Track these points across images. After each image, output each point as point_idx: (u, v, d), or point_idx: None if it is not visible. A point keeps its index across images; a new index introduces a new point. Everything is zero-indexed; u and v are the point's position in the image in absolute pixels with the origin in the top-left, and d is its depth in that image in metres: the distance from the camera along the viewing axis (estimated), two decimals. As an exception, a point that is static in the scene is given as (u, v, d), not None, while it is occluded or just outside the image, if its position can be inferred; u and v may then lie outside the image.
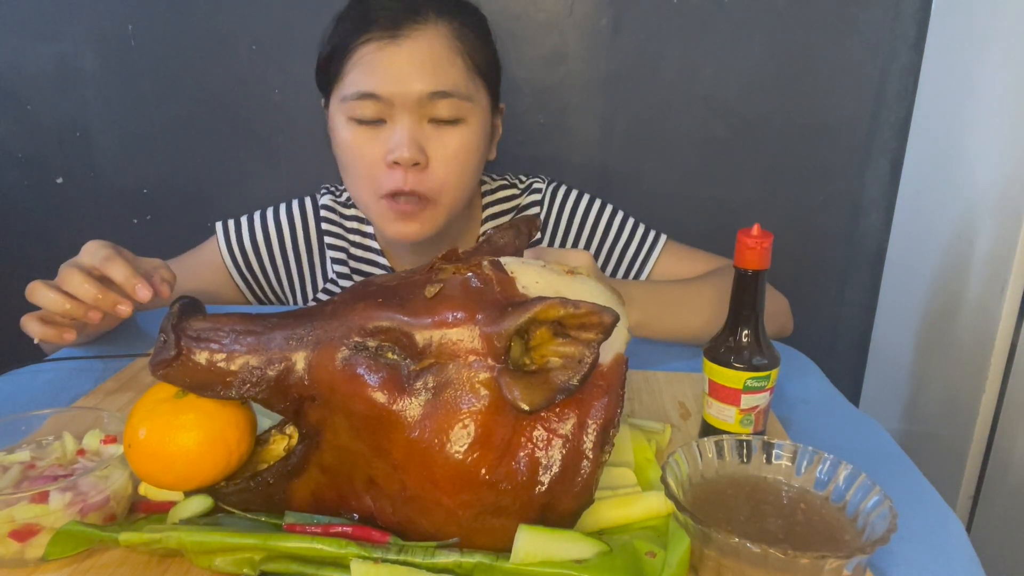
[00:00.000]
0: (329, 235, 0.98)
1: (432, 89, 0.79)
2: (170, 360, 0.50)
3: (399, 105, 0.80)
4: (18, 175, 1.47)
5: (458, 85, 0.81)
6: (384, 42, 0.80)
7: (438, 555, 0.48)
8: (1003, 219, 1.06)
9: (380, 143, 0.82)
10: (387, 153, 0.81)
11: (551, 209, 0.99)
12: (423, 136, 0.81)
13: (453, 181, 0.83)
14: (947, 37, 1.25)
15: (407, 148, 0.79)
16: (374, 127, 0.82)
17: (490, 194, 1.00)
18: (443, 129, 0.82)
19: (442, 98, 0.80)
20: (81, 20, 1.37)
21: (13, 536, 0.50)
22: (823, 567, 0.46)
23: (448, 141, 0.82)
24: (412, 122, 0.80)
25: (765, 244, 0.63)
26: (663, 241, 0.98)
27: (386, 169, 0.81)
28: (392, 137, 0.80)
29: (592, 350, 0.47)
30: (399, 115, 0.80)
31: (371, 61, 0.80)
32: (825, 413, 0.79)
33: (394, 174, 0.81)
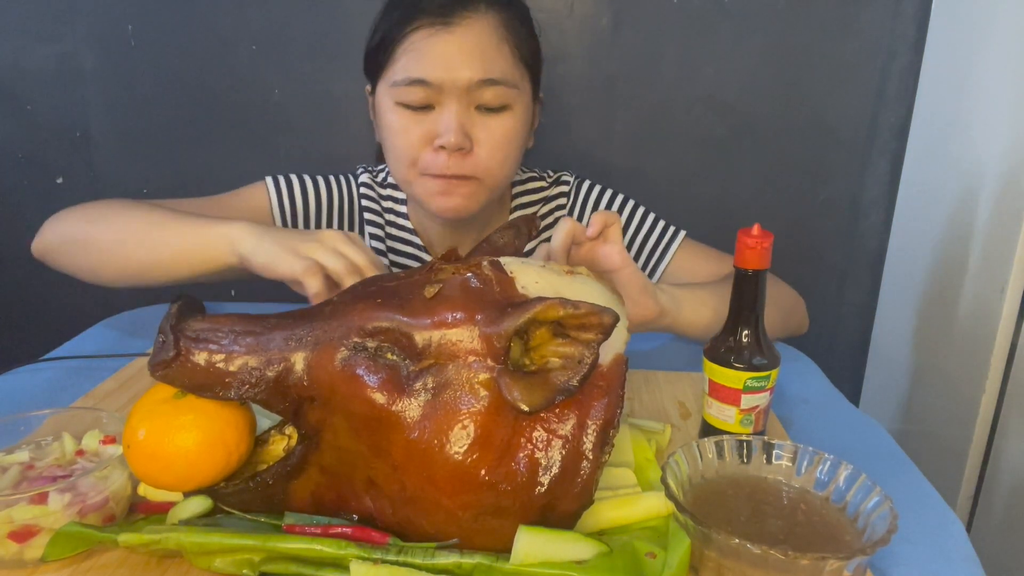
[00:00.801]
0: (368, 211, 1.00)
1: (481, 76, 0.81)
2: (169, 361, 0.50)
3: (448, 91, 0.82)
4: (18, 175, 1.47)
5: (505, 73, 0.83)
6: (435, 29, 0.81)
7: (438, 556, 0.48)
8: (1003, 219, 1.06)
9: (426, 127, 0.84)
10: (434, 137, 0.83)
11: (576, 200, 1.02)
12: (469, 122, 0.83)
13: (496, 166, 0.86)
14: (947, 37, 1.25)
15: (454, 134, 0.81)
16: (421, 112, 0.84)
17: (520, 184, 1.02)
18: (489, 116, 0.84)
19: (490, 86, 0.82)
20: (81, 20, 1.37)
21: (12, 537, 0.50)
22: (824, 568, 0.46)
23: (494, 127, 0.84)
24: (460, 108, 0.82)
25: (765, 244, 0.63)
26: (681, 237, 1.00)
27: (431, 152, 0.84)
28: (439, 122, 0.83)
29: (592, 350, 0.47)
30: (447, 101, 0.82)
31: (421, 48, 0.82)
32: (825, 413, 0.79)
33: (438, 158, 0.83)
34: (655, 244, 0.99)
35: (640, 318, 0.72)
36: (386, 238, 1.00)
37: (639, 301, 0.71)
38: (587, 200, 1.01)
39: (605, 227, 0.66)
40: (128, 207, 0.83)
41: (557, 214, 1.02)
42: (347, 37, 1.34)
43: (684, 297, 0.78)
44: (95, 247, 0.82)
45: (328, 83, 1.36)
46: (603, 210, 0.67)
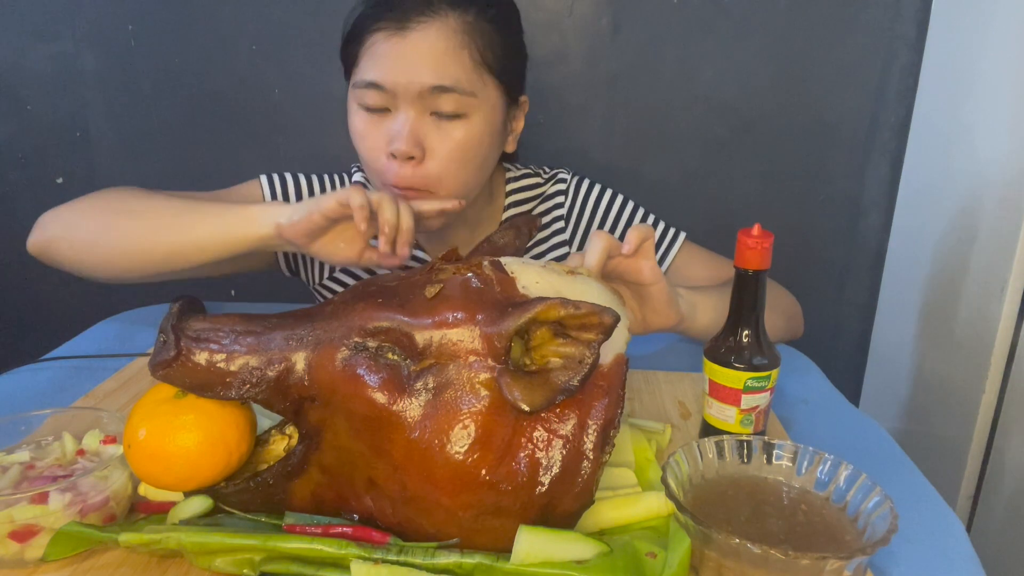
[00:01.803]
0: None
1: (433, 83, 0.80)
2: (170, 360, 0.50)
3: (401, 96, 0.81)
4: (18, 175, 1.47)
5: (460, 80, 0.81)
6: (391, 32, 0.81)
7: (438, 556, 0.48)
8: (1003, 219, 1.06)
9: (383, 132, 0.83)
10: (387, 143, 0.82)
11: (575, 200, 1.01)
12: (423, 129, 0.82)
13: (451, 176, 0.84)
14: (947, 37, 1.25)
15: (403, 141, 0.80)
16: (380, 115, 0.84)
17: (514, 181, 1.01)
18: (444, 123, 0.82)
19: (443, 92, 0.81)
20: (81, 20, 1.37)
21: (13, 537, 0.50)
22: (824, 568, 0.46)
23: (449, 135, 0.82)
24: (414, 114, 0.81)
25: (765, 244, 0.63)
26: (681, 239, 1.00)
27: (386, 160, 0.83)
28: (391, 128, 0.82)
29: (592, 350, 0.47)
30: (402, 106, 0.82)
31: (377, 51, 0.81)
32: (825, 413, 0.79)
33: (392, 166, 0.83)
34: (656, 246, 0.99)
35: (661, 327, 0.72)
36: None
37: (664, 313, 0.70)
38: (586, 200, 1.01)
39: (641, 242, 0.65)
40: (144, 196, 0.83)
41: (555, 212, 1.01)
42: (347, 37, 1.34)
43: (700, 303, 0.78)
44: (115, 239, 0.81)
45: (328, 83, 1.36)
46: (642, 225, 0.66)
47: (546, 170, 1.04)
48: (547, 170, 1.04)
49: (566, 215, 1.01)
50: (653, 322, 0.71)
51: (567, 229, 1.01)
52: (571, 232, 1.01)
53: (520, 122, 0.94)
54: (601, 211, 1.01)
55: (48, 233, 0.85)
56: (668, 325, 0.72)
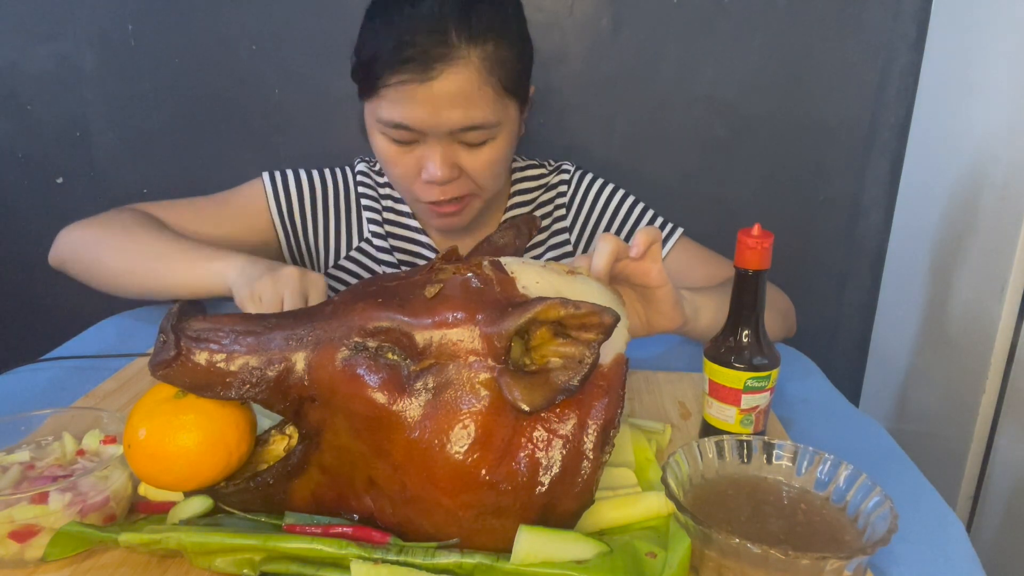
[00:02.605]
0: (365, 198, 1.03)
1: (461, 125, 0.83)
2: (170, 360, 0.50)
3: (431, 135, 0.84)
4: (18, 175, 1.47)
5: (487, 117, 0.84)
6: (415, 77, 0.81)
7: (438, 555, 0.48)
8: (1003, 219, 1.06)
9: (413, 159, 0.87)
10: (422, 170, 0.86)
11: (576, 190, 1.04)
12: (454, 154, 0.86)
13: (487, 185, 0.90)
14: (947, 37, 1.25)
15: (440, 170, 0.85)
16: (407, 145, 0.87)
17: (519, 171, 1.05)
18: (474, 148, 0.87)
19: (471, 130, 0.84)
20: (81, 20, 1.37)
21: (13, 537, 0.50)
22: (824, 567, 0.46)
23: (480, 155, 0.87)
24: (443, 146, 0.85)
25: (765, 244, 0.63)
26: (678, 234, 1.01)
27: (422, 184, 0.88)
28: (425, 157, 0.86)
29: (592, 350, 0.47)
30: (431, 141, 0.85)
31: (402, 97, 0.83)
32: (825, 413, 0.79)
33: (431, 188, 0.87)
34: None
35: (665, 329, 0.72)
36: (384, 223, 1.02)
37: (669, 315, 0.71)
38: (587, 193, 1.04)
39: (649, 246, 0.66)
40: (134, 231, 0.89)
41: (558, 201, 1.04)
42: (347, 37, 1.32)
43: (701, 304, 0.78)
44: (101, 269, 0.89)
45: (328, 83, 1.36)
46: (649, 228, 0.65)
47: (551, 162, 1.08)
48: (552, 162, 1.08)
49: (567, 203, 1.04)
50: (657, 324, 0.71)
51: (567, 217, 1.04)
52: (571, 220, 1.04)
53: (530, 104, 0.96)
54: (601, 203, 1.03)
55: (59, 252, 0.94)
56: (672, 327, 0.72)
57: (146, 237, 0.88)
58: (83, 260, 0.91)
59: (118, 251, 0.88)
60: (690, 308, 0.75)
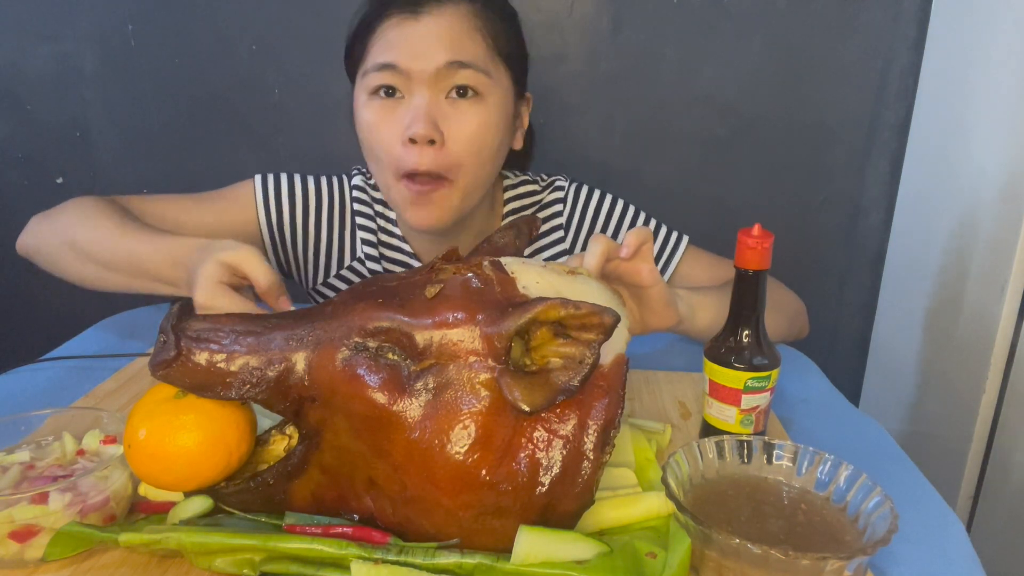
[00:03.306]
0: (360, 215, 0.98)
1: (449, 59, 0.80)
2: (170, 361, 0.50)
3: (416, 78, 0.81)
4: (18, 175, 1.47)
5: (476, 57, 0.82)
6: (404, 17, 0.81)
7: (438, 556, 0.48)
8: (1003, 219, 1.06)
9: (397, 120, 0.82)
10: (404, 130, 0.82)
11: (574, 208, 1.00)
12: (440, 113, 0.82)
13: (470, 159, 0.83)
14: (947, 37, 1.25)
15: (422, 124, 0.80)
16: (392, 103, 0.83)
17: (512, 189, 1.00)
18: (460, 104, 0.82)
19: (460, 68, 0.81)
20: (81, 20, 1.37)
21: (13, 537, 0.50)
22: (824, 568, 0.46)
23: (465, 116, 0.82)
24: (429, 96, 0.81)
25: (766, 244, 0.63)
26: (684, 243, 0.99)
27: (403, 148, 0.82)
28: (407, 113, 0.82)
29: (593, 351, 0.47)
30: (416, 89, 0.81)
31: (390, 36, 0.82)
32: (825, 413, 0.79)
33: (410, 152, 0.82)
34: (659, 251, 0.98)
35: (659, 328, 0.72)
36: (379, 244, 0.98)
37: (662, 314, 0.71)
38: (586, 207, 0.99)
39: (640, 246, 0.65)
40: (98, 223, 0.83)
41: (553, 222, 1.00)
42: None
43: (699, 303, 0.78)
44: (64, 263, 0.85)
45: (328, 83, 1.36)
46: (640, 228, 0.65)
47: (543, 177, 1.03)
48: (544, 177, 1.03)
49: (565, 224, 1.00)
50: (651, 323, 0.71)
51: (567, 239, 1.00)
52: (571, 241, 1.00)
53: (526, 119, 0.94)
54: (602, 217, 1.00)
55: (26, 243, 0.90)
56: (666, 326, 0.72)
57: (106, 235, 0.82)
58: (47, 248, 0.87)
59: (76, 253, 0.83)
60: (685, 307, 0.75)
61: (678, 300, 0.73)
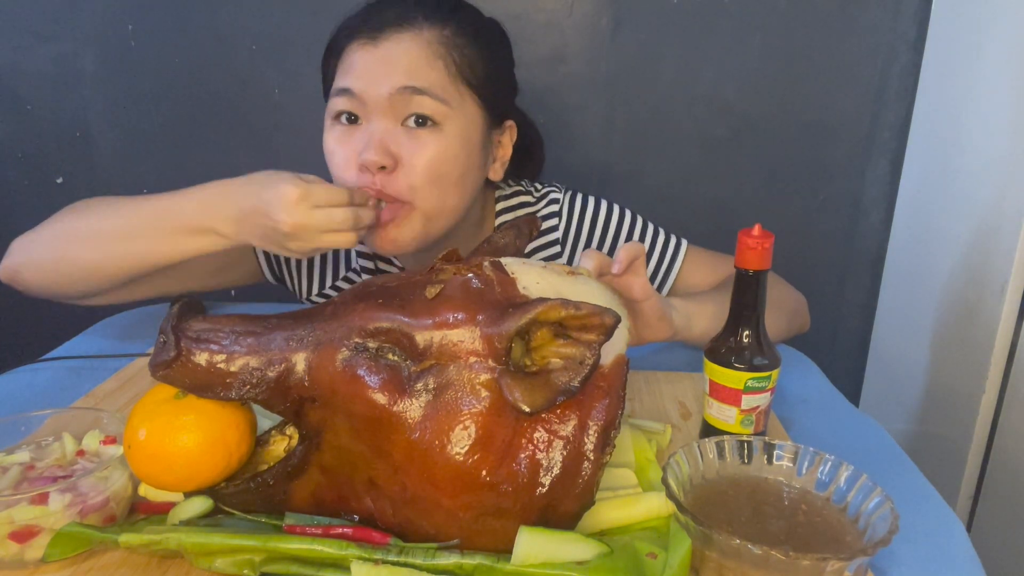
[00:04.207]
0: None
1: (403, 84, 0.78)
2: (170, 361, 0.50)
3: (372, 104, 0.80)
4: (18, 175, 1.47)
5: (432, 84, 0.80)
6: (364, 41, 0.81)
7: (439, 556, 0.48)
8: (1003, 219, 1.06)
9: (352, 145, 0.82)
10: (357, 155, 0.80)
11: (570, 221, 0.97)
12: (394, 140, 0.80)
13: (425, 189, 0.81)
14: (947, 37, 1.25)
15: (373, 150, 0.78)
16: (350, 128, 0.82)
17: (504, 200, 0.97)
18: (417, 133, 0.80)
19: (414, 94, 0.79)
20: (81, 20, 1.37)
21: (13, 537, 0.50)
22: (825, 568, 0.46)
23: (421, 145, 0.80)
24: (385, 124, 0.80)
25: (766, 244, 0.63)
26: (684, 248, 0.97)
27: (358, 173, 0.81)
28: (362, 139, 0.81)
29: (593, 351, 0.47)
30: (373, 115, 0.80)
31: (350, 61, 0.82)
32: (825, 413, 0.79)
33: (364, 178, 0.80)
34: (660, 258, 0.97)
35: (653, 340, 0.72)
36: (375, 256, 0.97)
37: (656, 327, 0.71)
38: (582, 218, 0.96)
39: (631, 261, 0.65)
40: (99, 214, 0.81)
41: (549, 237, 0.97)
42: (347, 37, 1.34)
43: (695, 313, 0.77)
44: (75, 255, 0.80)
45: (328, 83, 1.36)
46: (632, 243, 0.65)
47: (537, 187, 0.99)
48: (538, 188, 0.99)
49: (561, 238, 0.96)
50: (646, 336, 0.71)
51: (564, 253, 0.97)
52: (568, 255, 0.97)
53: (507, 149, 0.90)
54: (599, 227, 0.97)
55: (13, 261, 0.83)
56: (661, 338, 0.72)
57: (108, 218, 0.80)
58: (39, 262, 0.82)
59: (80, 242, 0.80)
60: (681, 318, 0.74)
61: (673, 311, 0.73)
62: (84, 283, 0.81)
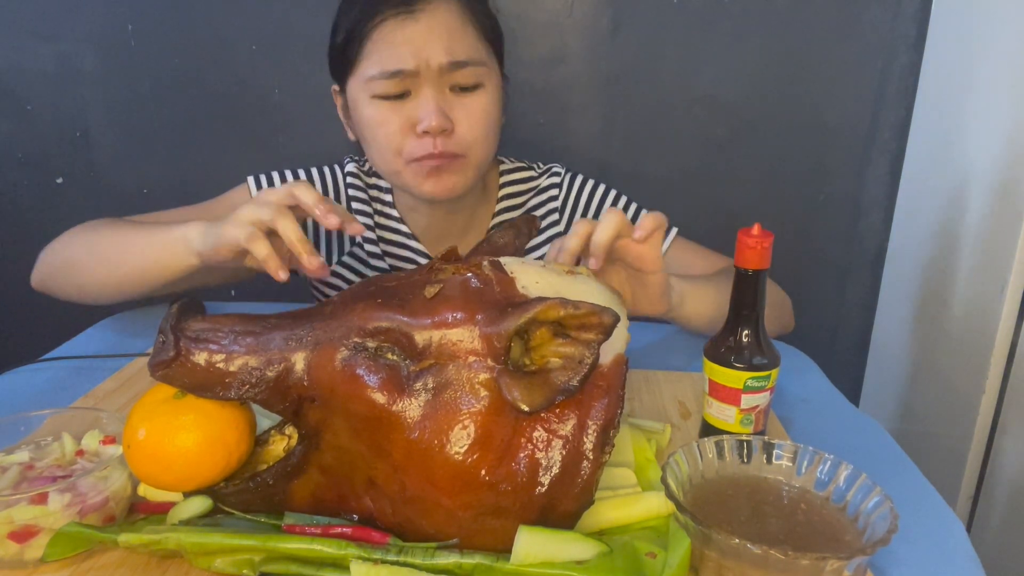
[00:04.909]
0: (355, 200, 1.01)
1: (452, 59, 0.83)
2: (169, 361, 0.50)
3: (423, 77, 0.84)
4: (18, 175, 1.47)
5: (473, 53, 0.85)
6: (401, 19, 0.83)
7: (438, 556, 0.48)
8: (1003, 219, 1.06)
9: (404, 115, 0.85)
10: (415, 123, 0.85)
11: (568, 194, 1.02)
12: (447, 104, 0.85)
13: (480, 140, 0.88)
14: (947, 37, 1.25)
15: (435, 117, 0.83)
16: (399, 100, 0.86)
17: (508, 173, 1.03)
18: (464, 96, 0.86)
19: (462, 67, 0.84)
20: (81, 20, 1.37)
21: (12, 537, 0.50)
22: (824, 568, 0.46)
23: (470, 106, 0.86)
24: (436, 92, 0.84)
25: (765, 244, 0.63)
26: (673, 234, 1.00)
27: (415, 139, 0.85)
28: (418, 108, 0.85)
29: (592, 351, 0.47)
30: (423, 86, 0.84)
31: (390, 39, 0.84)
32: (825, 413, 0.78)
33: (423, 142, 0.85)
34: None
35: (648, 313, 0.74)
36: (376, 227, 1.01)
37: (656, 302, 0.72)
38: (580, 194, 1.02)
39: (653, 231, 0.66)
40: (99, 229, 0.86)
41: (549, 205, 1.02)
42: (347, 37, 1.34)
43: (688, 293, 0.79)
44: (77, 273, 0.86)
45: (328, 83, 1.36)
46: (656, 213, 0.66)
47: (540, 165, 1.06)
48: (540, 165, 1.06)
49: (560, 207, 1.02)
50: (643, 308, 0.72)
51: (561, 222, 1.02)
52: (565, 225, 1.02)
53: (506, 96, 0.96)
54: (594, 205, 1.02)
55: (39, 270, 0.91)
56: (655, 313, 0.74)
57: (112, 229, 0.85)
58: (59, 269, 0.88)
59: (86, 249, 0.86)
60: (676, 296, 0.76)
61: (671, 290, 0.74)
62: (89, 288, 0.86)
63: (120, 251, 0.81)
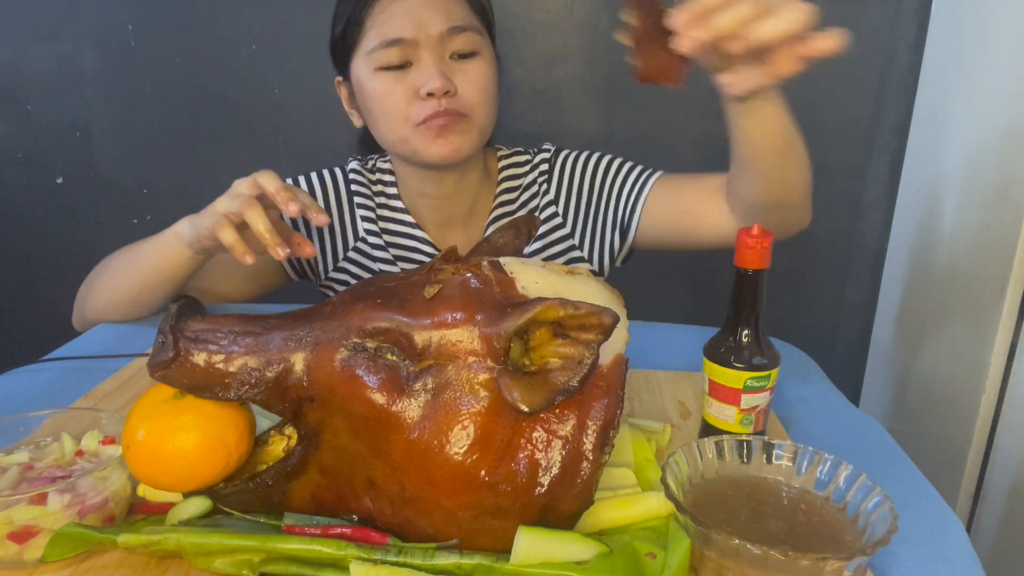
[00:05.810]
0: (358, 195, 1.03)
1: (450, 25, 0.88)
2: (168, 361, 0.50)
3: (422, 45, 0.88)
4: (18, 175, 1.47)
5: (469, 20, 0.91)
6: None
7: (438, 556, 0.48)
8: (1003, 219, 1.06)
9: (408, 83, 0.89)
10: (419, 89, 0.88)
11: (555, 162, 1.06)
12: (448, 70, 0.89)
13: (481, 102, 0.92)
14: (947, 37, 1.25)
15: (438, 79, 0.87)
16: (400, 71, 0.90)
17: (506, 158, 1.07)
18: (464, 62, 0.90)
19: (459, 32, 0.89)
20: (81, 20, 1.37)
21: (11, 538, 0.50)
22: (824, 568, 0.46)
23: (471, 71, 0.90)
24: (436, 58, 0.89)
25: (765, 243, 0.63)
26: (658, 174, 1.03)
27: (419, 102, 0.89)
28: (421, 74, 0.89)
29: (592, 351, 0.47)
30: (423, 54, 0.88)
31: (390, 11, 0.88)
32: (825, 413, 0.78)
33: (428, 104, 0.89)
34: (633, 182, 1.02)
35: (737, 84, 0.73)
36: (378, 219, 1.02)
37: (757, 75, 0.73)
38: (566, 162, 1.05)
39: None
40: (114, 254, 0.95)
41: (540, 179, 1.05)
42: (347, 37, 1.34)
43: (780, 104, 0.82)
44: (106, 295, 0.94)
45: (328, 83, 1.36)
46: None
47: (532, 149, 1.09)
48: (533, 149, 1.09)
49: (548, 176, 1.05)
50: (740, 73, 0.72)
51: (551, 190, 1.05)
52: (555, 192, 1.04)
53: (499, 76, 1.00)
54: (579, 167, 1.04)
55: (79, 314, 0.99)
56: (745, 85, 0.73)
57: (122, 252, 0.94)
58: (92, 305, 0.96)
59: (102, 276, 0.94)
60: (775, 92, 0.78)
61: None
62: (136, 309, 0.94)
63: (131, 262, 0.91)
